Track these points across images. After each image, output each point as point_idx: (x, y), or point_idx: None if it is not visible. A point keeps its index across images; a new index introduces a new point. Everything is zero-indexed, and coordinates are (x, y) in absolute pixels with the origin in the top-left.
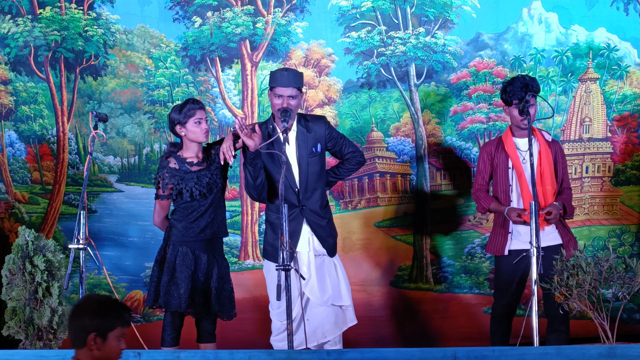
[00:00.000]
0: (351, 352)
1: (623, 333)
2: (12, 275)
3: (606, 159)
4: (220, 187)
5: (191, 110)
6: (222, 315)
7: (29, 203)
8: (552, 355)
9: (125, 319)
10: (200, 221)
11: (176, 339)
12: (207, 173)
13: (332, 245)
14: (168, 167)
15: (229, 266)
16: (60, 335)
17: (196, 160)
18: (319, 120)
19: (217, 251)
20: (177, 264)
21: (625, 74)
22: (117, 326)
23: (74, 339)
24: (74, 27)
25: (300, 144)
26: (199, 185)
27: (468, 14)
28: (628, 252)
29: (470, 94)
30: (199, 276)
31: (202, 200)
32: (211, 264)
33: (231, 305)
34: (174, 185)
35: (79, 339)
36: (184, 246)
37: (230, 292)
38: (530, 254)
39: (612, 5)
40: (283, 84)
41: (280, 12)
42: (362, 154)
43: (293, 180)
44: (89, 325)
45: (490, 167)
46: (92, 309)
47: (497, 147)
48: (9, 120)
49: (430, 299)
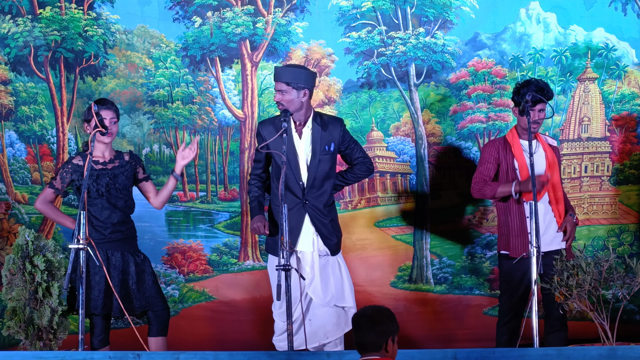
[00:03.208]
0: (351, 353)
1: (623, 334)
2: (12, 275)
3: (605, 159)
4: (122, 189)
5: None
6: (152, 308)
7: (29, 204)
8: (553, 357)
9: (397, 324)
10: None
11: (104, 341)
12: (110, 173)
13: (334, 244)
14: (72, 163)
15: (146, 259)
16: (60, 335)
17: (101, 160)
18: (336, 121)
19: (132, 247)
20: (90, 267)
21: (624, 74)
22: (397, 330)
23: (373, 344)
24: (74, 27)
25: (314, 139)
26: (97, 183)
27: (467, 14)
28: (627, 251)
29: (470, 93)
30: (114, 275)
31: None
32: (126, 261)
33: (162, 297)
34: (75, 181)
35: (379, 344)
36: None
37: (154, 283)
38: (531, 254)
39: (610, 6)
40: (274, 77)
41: (281, 12)
42: (371, 161)
43: (299, 175)
44: (388, 330)
45: (495, 167)
46: (388, 316)
47: (504, 147)
48: (9, 120)
49: (430, 299)
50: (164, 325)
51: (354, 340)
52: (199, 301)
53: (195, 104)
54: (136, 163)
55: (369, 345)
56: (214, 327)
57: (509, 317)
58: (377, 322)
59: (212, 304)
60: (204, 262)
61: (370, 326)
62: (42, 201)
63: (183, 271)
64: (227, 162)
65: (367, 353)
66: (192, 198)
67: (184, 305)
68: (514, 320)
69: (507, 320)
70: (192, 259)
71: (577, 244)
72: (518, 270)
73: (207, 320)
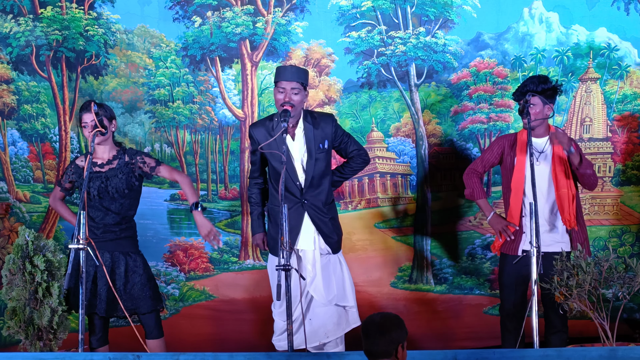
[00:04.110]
0: (351, 354)
1: (623, 333)
2: (12, 275)
3: (607, 159)
4: (116, 191)
5: None
6: (139, 310)
7: (31, 202)
8: (553, 357)
9: (406, 329)
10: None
11: (102, 340)
12: (103, 176)
13: (335, 242)
14: (74, 164)
15: (140, 260)
16: (60, 335)
17: (99, 162)
18: (327, 117)
19: (124, 247)
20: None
21: (626, 74)
22: (406, 336)
23: (384, 352)
24: (75, 26)
25: (308, 139)
26: (90, 186)
27: (468, 13)
28: (628, 252)
29: (471, 94)
30: (100, 276)
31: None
32: (116, 262)
33: (150, 299)
34: (75, 181)
35: (390, 351)
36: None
37: (143, 285)
38: (531, 254)
39: (612, 5)
40: (286, 77)
41: (280, 11)
42: (366, 152)
43: (296, 176)
44: (397, 337)
45: (496, 160)
46: (396, 323)
47: (512, 144)
48: (12, 119)
49: (430, 299)
50: (151, 329)
51: (363, 347)
52: (199, 300)
53: (195, 104)
54: (136, 161)
55: (379, 354)
56: (214, 326)
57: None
58: (387, 330)
59: (212, 303)
60: (205, 260)
61: (379, 335)
62: (52, 198)
63: (184, 269)
64: (228, 162)
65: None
66: None
67: (185, 303)
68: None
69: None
70: (193, 256)
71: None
72: (515, 266)
73: (208, 319)
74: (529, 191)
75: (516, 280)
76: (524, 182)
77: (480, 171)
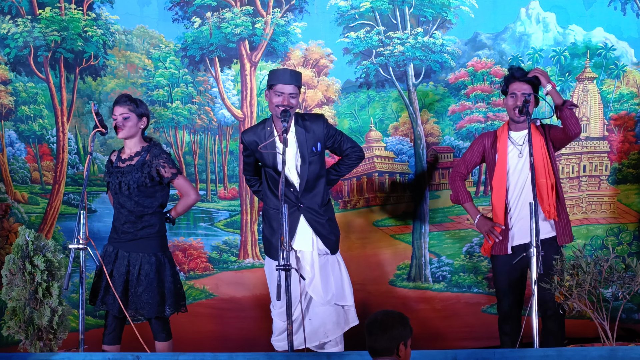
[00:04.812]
0: (351, 354)
1: (623, 333)
2: (12, 275)
3: (603, 158)
4: (130, 189)
5: None
6: (145, 315)
7: (29, 203)
8: (553, 357)
9: (411, 328)
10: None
11: (115, 338)
12: (120, 172)
13: (333, 243)
14: (108, 159)
15: (158, 263)
16: (60, 335)
17: (125, 157)
18: (317, 119)
19: (142, 249)
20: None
21: (622, 74)
22: (410, 334)
23: (385, 349)
24: (74, 27)
25: (300, 143)
26: (114, 182)
27: (466, 14)
28: (626, 250)
29: (469, 93)
30: (117, 275)
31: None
32: (132, 262)
33: (156, 305)
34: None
35: (391, 348)
36: (110, 245)
37: (152, 290)
38: (530, 253)
39: (609, 5)
40: (285, 81)
41: (279, 12)
42: (361, 148)
43: (290, 182)
44: (399, 334)
45: (478, 159)
46: (399, 321)
47: (493, 140)
48: (9, 120)
49: (428, 298)
50: (157, 333)
51: (366, 344)
52: (199, 298)
53: (194, 104)
54: (156, 164)
55: (380, 350)
56: (215, 324)
57: (505, 314)
58: (389, 327)
59: (212, 301)
60: (205, 259)
61: (381, 332)
62: (111, 202)
63: (183, 269)
64: (227, 162)
65: (379, 357)
66: None
67: (185, 302)
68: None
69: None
70: (192, 256)
71: (576, 243)
72: (508, 266)
73: (208, 317)
74: (513, 188)
75: (510, 282)
76: (506, 179)
77: (463, 173)
